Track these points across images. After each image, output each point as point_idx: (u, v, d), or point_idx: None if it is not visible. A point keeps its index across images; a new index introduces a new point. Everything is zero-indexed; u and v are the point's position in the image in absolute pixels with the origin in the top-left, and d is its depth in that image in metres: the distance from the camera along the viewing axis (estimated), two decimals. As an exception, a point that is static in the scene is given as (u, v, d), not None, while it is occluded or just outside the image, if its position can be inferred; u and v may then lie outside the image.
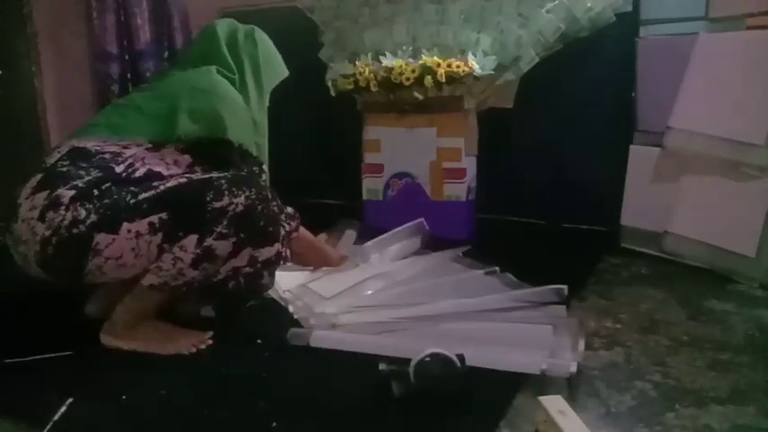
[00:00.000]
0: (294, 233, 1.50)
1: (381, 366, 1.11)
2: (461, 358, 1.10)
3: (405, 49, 2.02)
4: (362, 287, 1.61)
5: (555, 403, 0.97)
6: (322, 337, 1.34)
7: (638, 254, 1.89)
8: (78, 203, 1.21)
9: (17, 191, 1.28)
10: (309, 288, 1.60)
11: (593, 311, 1.49)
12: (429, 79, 1.92)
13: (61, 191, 1.23)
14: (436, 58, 1.92)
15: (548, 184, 2.20)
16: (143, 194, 1.25)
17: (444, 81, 1.91)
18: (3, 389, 1.19)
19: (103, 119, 1.44)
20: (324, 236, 1.86)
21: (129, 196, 1.24)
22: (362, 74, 2.02)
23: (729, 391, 1.12)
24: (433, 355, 1.08)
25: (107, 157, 1.31)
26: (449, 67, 1.89)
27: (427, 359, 1.08)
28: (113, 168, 1.29)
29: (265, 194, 1.32)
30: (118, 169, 1.29)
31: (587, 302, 1.55)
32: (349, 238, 1.95)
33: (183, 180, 1.30)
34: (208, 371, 1.25)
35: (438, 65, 1.91)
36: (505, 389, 1.12)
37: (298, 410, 1.10)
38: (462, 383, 1.08)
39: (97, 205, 1.22)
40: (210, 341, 1.34)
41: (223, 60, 1.55)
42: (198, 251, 1.25)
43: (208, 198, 1.25)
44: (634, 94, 1.97)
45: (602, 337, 1.35)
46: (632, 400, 1.10)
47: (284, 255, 1.41)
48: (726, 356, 1.25)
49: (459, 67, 1.88)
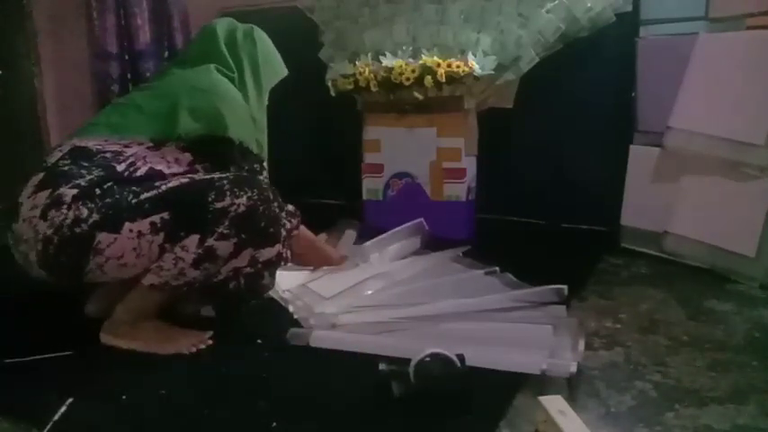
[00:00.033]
0: (295, 231, 1.51)
1: (381, 366, 1.12)
2: (461, 358, 1.10)
3: (405, 49, 2.02)
4: (362, 287, 1.61)
5: (555, 403, 0.97)
6: (322, 337, 1.34)
7: (638, 254, 1.89)
8: (80, 202, 1.21)
9: (18, 190, 1.28)
10: (309, 288, 1.60)
11: (593, 311, 1.49)
12: (429, 79, 1.92)
13: (63, 190, 1.23)
14: (436, 58, 1.92)
15: (548, 184, 2.20)
16: (145, 194, 1.25)
17: (444, 81, 1.91)
18: (3, 389, 1.19)
19: (104, 118, 1.45)
20: (324, 236, 1.86)
21: (130, 196, 1.24)
22: (362, 74, 2.02)
23: (729, 391, 1.12)
24: (433, 355, 1.08)
25: (108, 156, 1.31)
26: (449, 67, 1.89)
27: (427, 359, 1.08)
28: (115, 167, 1.29)
29: (267, 195, 1.32)
30: (119, 168, 1.29)
31: (587, 302, 1.55)
32: (349, 238, 1.95)
33: (185, 180, 1.30)
34: (208, 371, 1.25)
35: (438, 65, 1.90)
36: (505, 389, 1.12)
37: (298, 410, 1.10)
38: (462, 383, 1.08)
39: (99, 204, 1.22)
40: (210, 341, 1.34)
41: (222, 59, 1.55)
42: (199, 251, 1.25)
43: (210, 198, 1.25)
44: (634, 94, 1.97)
45: (602, 337, 1.35)
46: (632, 400, 1.10)
47: (285, 256, 1.41)
48: (726, 356, 1.25)
49: (459, 67, 1.88)
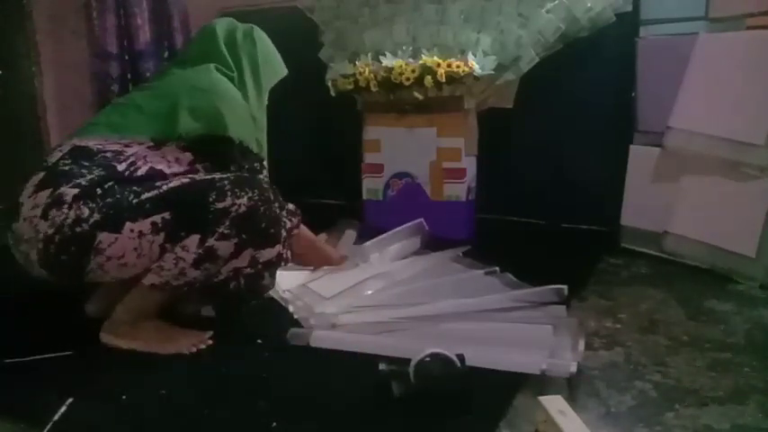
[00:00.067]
0: (295, 230, 1.51)
1: (381, 366, 1.12)
2: (461, 358, 1.10)
3: (405, 49, 2.02)
4: (362, 287, 1.61)
5: (555, 403, 0.97)
6: (322, 337, 1.34)
7: (638, 254, 1.89)
8: (81, 202, 1.21)
9: (18, 190, 1.28)
10: (309, 288, 1.60)
11: (593, 311, 1.49)
12: (429, 79, 1.92)
13: (64, 189, 1.23)
14: (436, 58, 1.92)
15: (548, 184, 2.20)
16: (146, 194, 1.25)
17: (444, 81, 1.91)
18: (3, 389, 1.19)
19: (103, 118, 1.44)
20: (324, 236, 1.86)
21: (131, 196, 1.24)
22: (362, 74, 2.02)
23: (729, 391, 1.12)
24: (433, 355, 1.08)
25: (109, 155, 1.31)
26: (449, 67, 1.89)
27: (427, 359, 1.08)
28: (115, 167, 1.29)
29: (268, 196, 1.32)
30: (120, 168, 1.29)
31: (587, 302, 1.55)
32: (349, 238, 1.95)
33: (186, 180, 1.30)
34: (208, 371, 1.25)
35: (438, 65, 1.90)
36: (505, 389, 1.12)
37: (298, 410, 1.10)
38: (462, 383, 1.08)
39: (100, 204, 1.22)
40: (210, 341, 1.34)
41: (222, 59, 1.55)
42: (200, 251, 1.25)
43: (211, 199, 1.25)
44: (634, 94, 1.97)
45: (602, 337, 1.35)
46: (632, 400, 1.10)
47: (285, 256, 1.42)
48: (726, 356, 1.25)
49: (459, 67, 1.88)
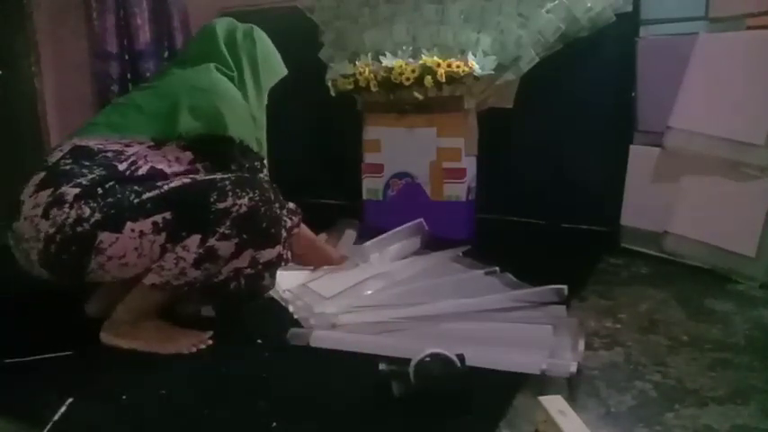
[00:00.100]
0: (296, 229, 1.51)
1: (381, 366, 1.12)
2: (461, 358, 1.10)
3: (405, 49, 2.02)
4: (362, 287, 1.61)
5: (555, 403, 0.97)
6: (322, 337, 1.34)
7: (638, 254, 1.89)
8: (82, 201, 1.22)
9: (18, 190, 1.28)
10: (309, 288, 1.60)
11: (593, 311, 1.49)
12: (429, 79, 1.92)
13: (65, 188, 1.23)
14: (436, 58, 1.92)
15: (548, 184, 2.20)
16: (147, 194, 1.25)
17: (444, 81, 1.91)
18: (3, 389, 1.19)
19: (103, 118, 1.44)
20: (324, 236, 1.86)
21: (132, 195, 1.24)
22: (362, 74, 2.02)
23: (729, 391, 1.12)
24: (433, 355, 1.08)
25: (109, 155, 1.31)
26: (449, 67, 1.89)
27: (427, 359, 1.08)
28: (116, 166, 1.29)
29: (268, 196, 1.32)
30: (121, 167, 1.29)
31: (587, 302, 1.55)
32: (349, 238, 1.95)
33: (187, 180, 1.30)
34: (208, 371, 1.25)
35: (438, 65, 1.90)
36: (505, 389, 1.12)
37: (298, 410, 1.10)
38: (462, 383, 1.08)
39: (101, 204, 1.22)
40: (210, 341, 1.34)
41: (222, 58, 1.55)
42: (200, 251, 1.25)
43: (212, 199, 1.25)
44: (634, 94, 1.97)
45: (602, 337, 1.35)
46: (632, 400, 1.10)
47: (285, 257, 1.42)
48: (726, 356, 1.25)
49: (459, 67, 1.88)
